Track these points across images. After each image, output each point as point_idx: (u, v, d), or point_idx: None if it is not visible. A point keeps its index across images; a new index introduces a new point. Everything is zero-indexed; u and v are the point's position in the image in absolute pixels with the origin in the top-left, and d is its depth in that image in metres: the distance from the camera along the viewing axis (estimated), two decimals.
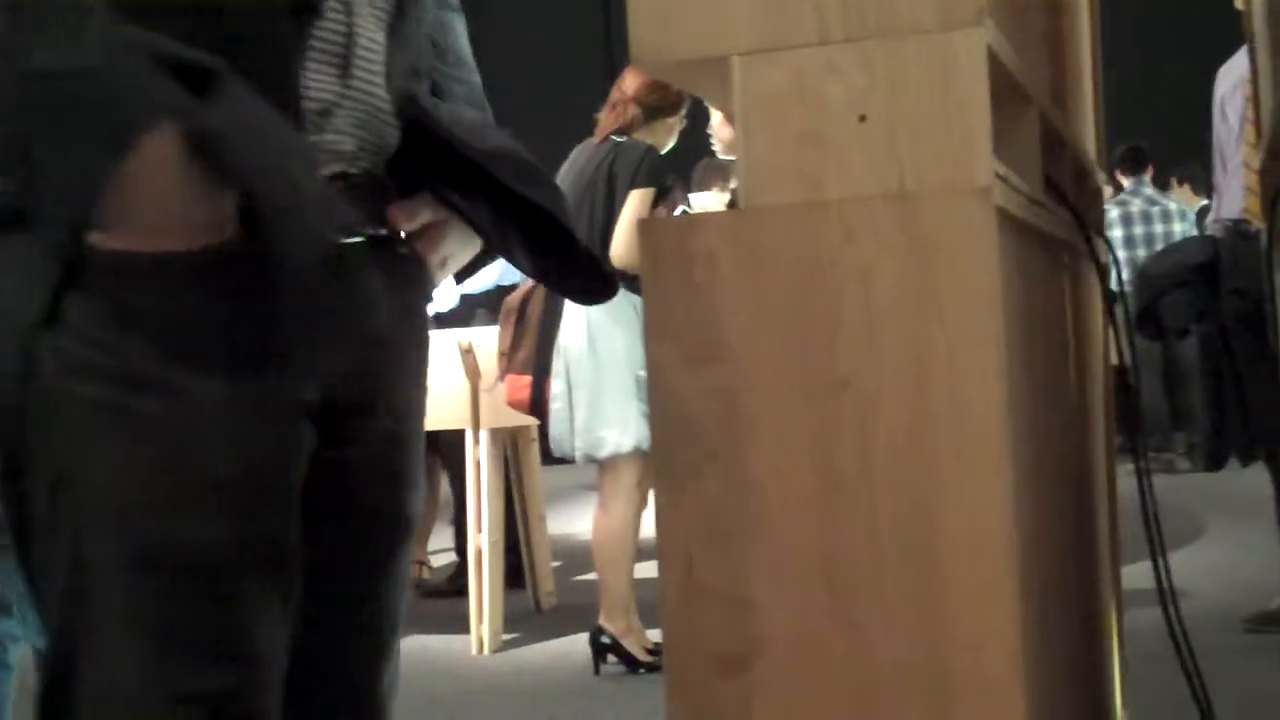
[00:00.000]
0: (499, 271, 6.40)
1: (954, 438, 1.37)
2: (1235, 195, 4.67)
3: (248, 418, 1.18)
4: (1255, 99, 3.13)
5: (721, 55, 1.42)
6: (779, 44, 1.40)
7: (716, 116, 5.22)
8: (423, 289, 1.34)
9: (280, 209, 1.12)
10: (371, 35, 1.24)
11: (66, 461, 1.16)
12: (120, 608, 1.16)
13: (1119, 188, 9.53)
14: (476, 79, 1.47)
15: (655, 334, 1.46)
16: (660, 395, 1.47)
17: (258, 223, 1.11)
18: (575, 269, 1.35)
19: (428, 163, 1.28)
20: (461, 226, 1.31)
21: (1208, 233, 5.82)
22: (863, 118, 1.38)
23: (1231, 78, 4.75)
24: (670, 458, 1.46)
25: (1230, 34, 4.16)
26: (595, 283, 1.38)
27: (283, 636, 1.23)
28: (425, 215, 1.30)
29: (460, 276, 1.43)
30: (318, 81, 1.21)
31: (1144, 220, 9.18)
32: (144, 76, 1.11)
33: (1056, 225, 1.91)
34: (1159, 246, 8.04)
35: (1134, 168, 9.41)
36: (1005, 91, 1.54)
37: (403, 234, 1.30)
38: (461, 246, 1.34)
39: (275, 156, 1.13)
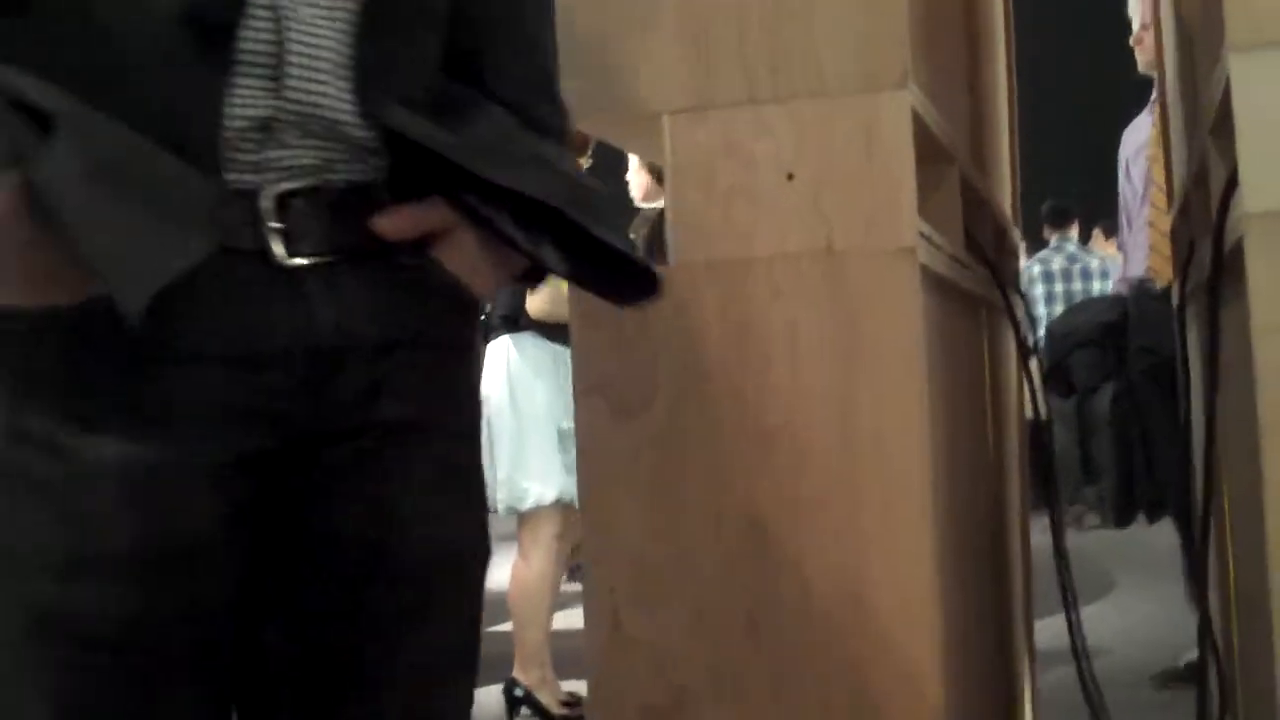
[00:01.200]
0: None
1: (879, 490, 1.39)
2: (1140, 254, 4.75)
3: (145, 481, 1.12)
4: (1166, 162, 3.21)
5: (653, 113, 1.44)
6: (709, 103, 1.43)
7: (634, 162, 5.25)
8: (445, 297, 1.24)
9: (100, 257, 1.07)
10: (315, 41, 1.17)
11: None
12: (12, 676, 1.13)
13: (1044, 243, 9.63)
14: (538, 55, 1.34)
15: (584, 386, 1.47)
16: (588, 447, 1.48)
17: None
18: (612, 269, 1.25)
19: (439, 169, 1.21)
20: (481, 232, 1.23)
21: (1113, 291, 5.91)
22: (790, 176, 1.41)
23: (1136, 139, 4.84)
24: (599, 510, 1.48)
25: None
26: (635, 281, 1.25)
27: (209, 714, 1.18)
28: (422, 219, 1.22)
29: (533, 280, 1.32)
30: (246, 97, 1.15)
31: (1064, 278, 9.30)
32: None
33: (976, 282, 1.95)
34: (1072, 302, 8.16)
35: (1059, 224, 9.53)
36: (928, 152, 1.57)
37: (403, 242, 1.21)
38: (486, 252, 1.24)
39: (101, 201, 1.07)
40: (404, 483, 1.22)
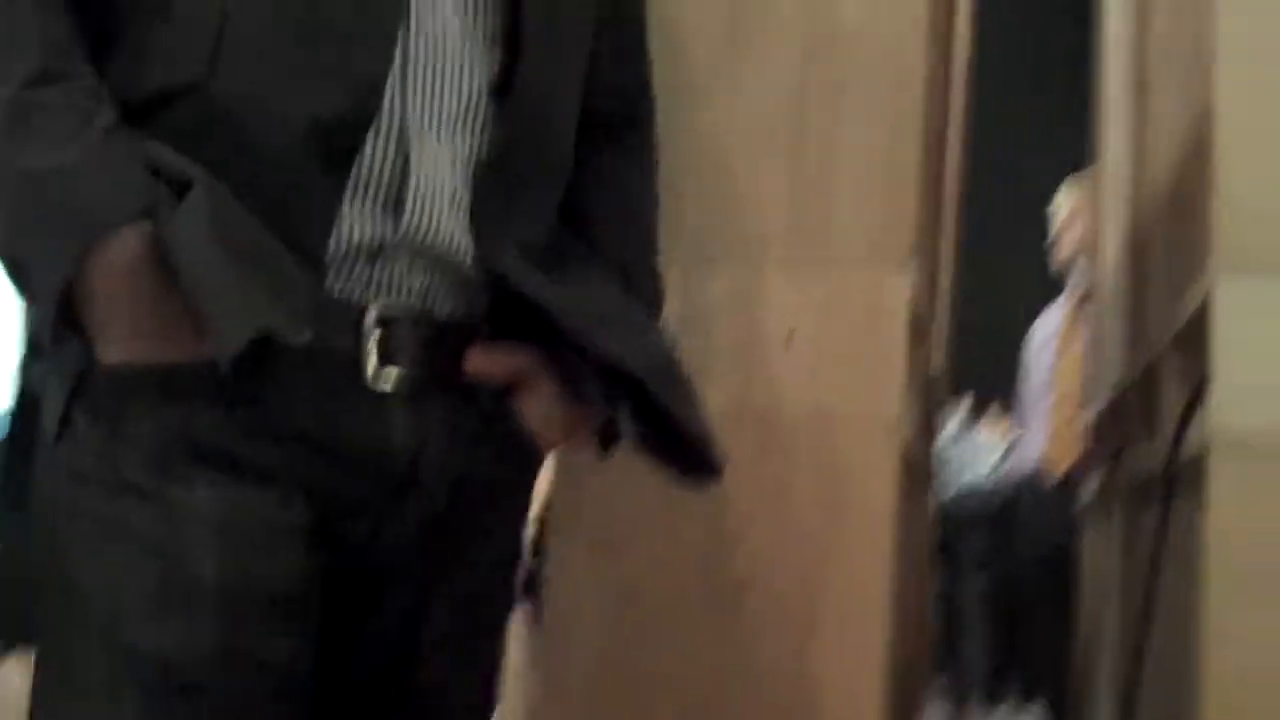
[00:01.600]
0: None
1: (839, 648, 1.42)
2: (1037, 442, 4.85)
3: (232, 524, 1.15)
4: (1087, 355, 3.30)
5: (665, 261, 1.48)
6: (720, 256, 1.47)
7: None
8: (515, 444, 1.26)
9: (208, 314, 1.10)
10: (437, 177, 1.20)
11: (64, 568, 1.16)
12: (98, 712, 1.14)
13: None
14: (642, 223, 1.37)
15: (563, 522, 1.49)
16: (557, 578, 1.49)
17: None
18: (678, 448, 1.28)
19: (541, 317, 1.24)
20: (563, 388, 1.25)
21: (1006, 475, 6.03)
22: (790, 337, 1.45)
23: (1044, 331, 4.98)
24: (562, 652, 1.49)
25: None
26: (696, 465, 1.26)
27: None
28: (512, 364, 1.25)
29: (604, 444, 1.34)
30: (362, 218, 1.18)
31: (949, 451, 9.43)
32: (124, 178, 1.11)
33: (924, 454, 2.00)
34: (958, 480, 8.27)
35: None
36: (914, 327, 1.62)
37: (485, 381, 1.23)
38: (563, 408, 1.26)
39: (220, 259, 1.10)
40: (437, 604, 1.24)
